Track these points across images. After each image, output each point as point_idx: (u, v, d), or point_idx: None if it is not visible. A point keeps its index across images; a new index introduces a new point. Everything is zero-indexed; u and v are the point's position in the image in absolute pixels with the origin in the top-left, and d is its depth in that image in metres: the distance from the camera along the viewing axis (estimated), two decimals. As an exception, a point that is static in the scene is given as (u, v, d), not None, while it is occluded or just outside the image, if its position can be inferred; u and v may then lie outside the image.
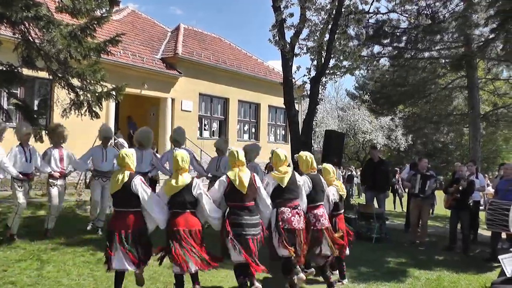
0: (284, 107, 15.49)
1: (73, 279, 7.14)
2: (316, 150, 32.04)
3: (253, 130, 29.17)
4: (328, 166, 7.97)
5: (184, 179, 6.31)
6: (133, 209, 6.06)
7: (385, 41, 23.58)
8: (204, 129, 26.22)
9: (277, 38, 14.64)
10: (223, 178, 6.76)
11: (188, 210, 6.21)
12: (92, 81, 11.94)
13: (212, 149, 12.83)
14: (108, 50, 11.85)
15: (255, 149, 11.06)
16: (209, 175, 11.90)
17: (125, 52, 21.99)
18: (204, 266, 6.09)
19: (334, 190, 7.86)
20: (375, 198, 13.84)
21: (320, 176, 7.72)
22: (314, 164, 7.69)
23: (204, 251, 6.21)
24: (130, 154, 6.29)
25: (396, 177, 23.51)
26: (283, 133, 31.12)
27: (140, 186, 6.12)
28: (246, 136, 28.71)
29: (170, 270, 6.78)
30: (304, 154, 7.74)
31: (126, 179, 6.12)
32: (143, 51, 23.71)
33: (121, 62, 21.15)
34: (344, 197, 8.06)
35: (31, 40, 11.32)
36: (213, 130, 26.70)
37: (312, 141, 16.46)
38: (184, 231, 6.05)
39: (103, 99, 12.03)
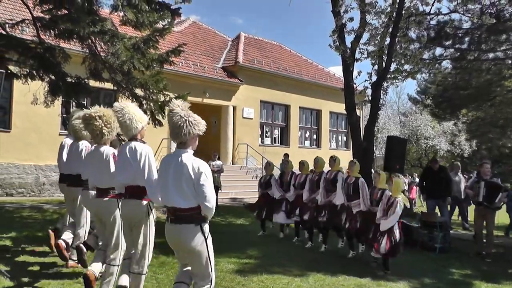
0: (345, 113, 15.29)
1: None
2: (378, 156, 31.48)
3: (314, 136, 28.97)
4: (400, 181, 8.24)
5: None
6: None
7: (447, 43, 22.81)
8: (266, 136, 26.23)
9: (337, 43, 14.47)
10: None
11: None
12: (154, 91, 12.12)
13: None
14: (170, 60, 11.98)
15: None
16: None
17: (187, 62, 22.30)
18: None
19: (401, 201, 8.11)
20: (436, 206, 13.31)
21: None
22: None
23: None
24: None
25: (462, 185, 22.61)
26: (345, 140, 30.75)
27: None
28: (307, 143, 28.53)
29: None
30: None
31: None
32: (205, 60, 23.98)
33: (183, 72, 21.47)
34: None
35: (97, 53, 11.61)
36: (275, 137, 26.69)
37: (374, 148, 16.11)
38: None
39: (166, 108, 12.15)
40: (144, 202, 5.73)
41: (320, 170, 10.92)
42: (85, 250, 6.85)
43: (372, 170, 11.84)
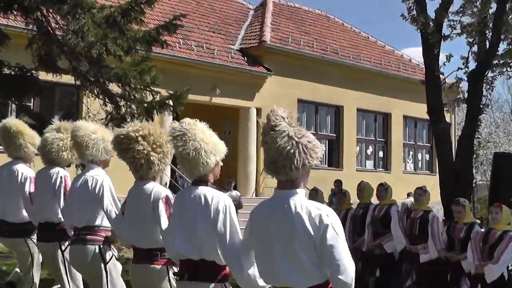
0: (427, 118, 15.25)
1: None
2: (480, 184, 31.10)
3: (381, 153, 28.94)
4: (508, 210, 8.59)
5: None
6: None
7: None
8: None
9: (414, 12, 14.39)
10: None
11: None
12: (138, 86, 12.13)
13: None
14: (162, 40, 12.02)
15: None
16: None
17: (187, 43, 22.41)
18: None
19: None
20: None
21: None
22: None
23: None
24: None
25: None
26: (427, 158, 30.62)
27: None
28: (369, 164, 28.56)
29: None
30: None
31: None
32: (213, 39, 24.03)
33: (181, 57, 21.56)
34: None
35: (51, 31, 11.65)
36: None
37: (474, 171, 15.98)
38: None
39: (156, 112, 12.18)
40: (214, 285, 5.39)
41: (367, 201, 11.34)
42: None
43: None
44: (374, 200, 11.40)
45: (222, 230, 4.99)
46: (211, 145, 5.44)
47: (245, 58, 24.11)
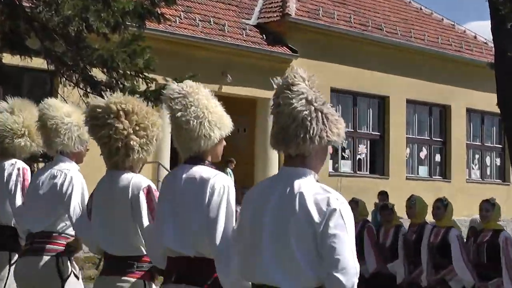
0: (498, 111, 15.24)
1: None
2: None
3: (437, 157, 28.86)
4: None
5: None
6: None
7: None
8: (343, 157, 26.46)
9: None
10: None
11: None
12: (128, 72, 12.25)
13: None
14: (158, 13, 12.17)
15: None
16: None
17: (190, 17, 22.52)
18: None
19: None
20: None
21: None
22: None
23: None
24: None
25: None
26: (498, 163, 30.56)
27: None
28: (422, 170, 28.48)
29: None
30: None
31: None
32: (223, 12, 24.18)
33: (183, 35, 21.64)
34: None
35: (16, 2, 11.74)
36: (359, 158, 26.79)
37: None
38: None
39: (149, 103, 12.12)
40: None
41: (419, 220, 11.25)
42: None
43: None
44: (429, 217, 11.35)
45: (214, 214, 4.91)
46: (216, 115, 5.41)
47: (264, 36, 24.15)
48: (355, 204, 12.33)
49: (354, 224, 4.26)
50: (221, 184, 4.96)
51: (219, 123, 5.41)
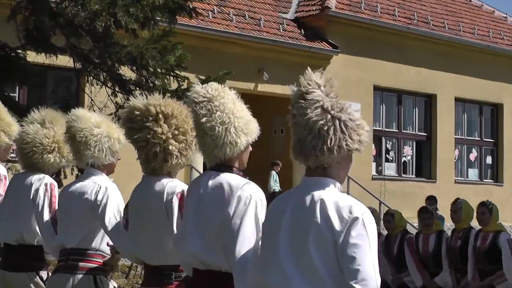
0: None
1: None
2: None
3: (489, 159, 28.53)
4: None
5: None
6: None
7: None
8: (388, 159, 26.23)
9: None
10: None
11: None
12: (158, 70, 12.24)
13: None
14: (190, 8, 12.20)
15: None
16: None
17: (224, 11, 22.53)
18: None
19: None
20: None
21: None
22: None
23: None
24: None
25: None
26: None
27: None
28: (472, 173, 28.21)
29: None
30: None
31: None
32: (259, 6, 24.23)
33: (216, 30, 21.60)
34: None
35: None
36: (404, 161, 26.62)
37: None
38: None
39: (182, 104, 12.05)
40: None
41: (464, 226, 11.33)
42: None
43: None
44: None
45: (237, 224, 4.96)
46: (242, 121, 5.45)
47: (302, 30, 24.18)
48: (390, 216, 12.80)
49: (376, 235, 4.32)
50: (249, 194, 5.02)
51: (246, 129, 5.47)
